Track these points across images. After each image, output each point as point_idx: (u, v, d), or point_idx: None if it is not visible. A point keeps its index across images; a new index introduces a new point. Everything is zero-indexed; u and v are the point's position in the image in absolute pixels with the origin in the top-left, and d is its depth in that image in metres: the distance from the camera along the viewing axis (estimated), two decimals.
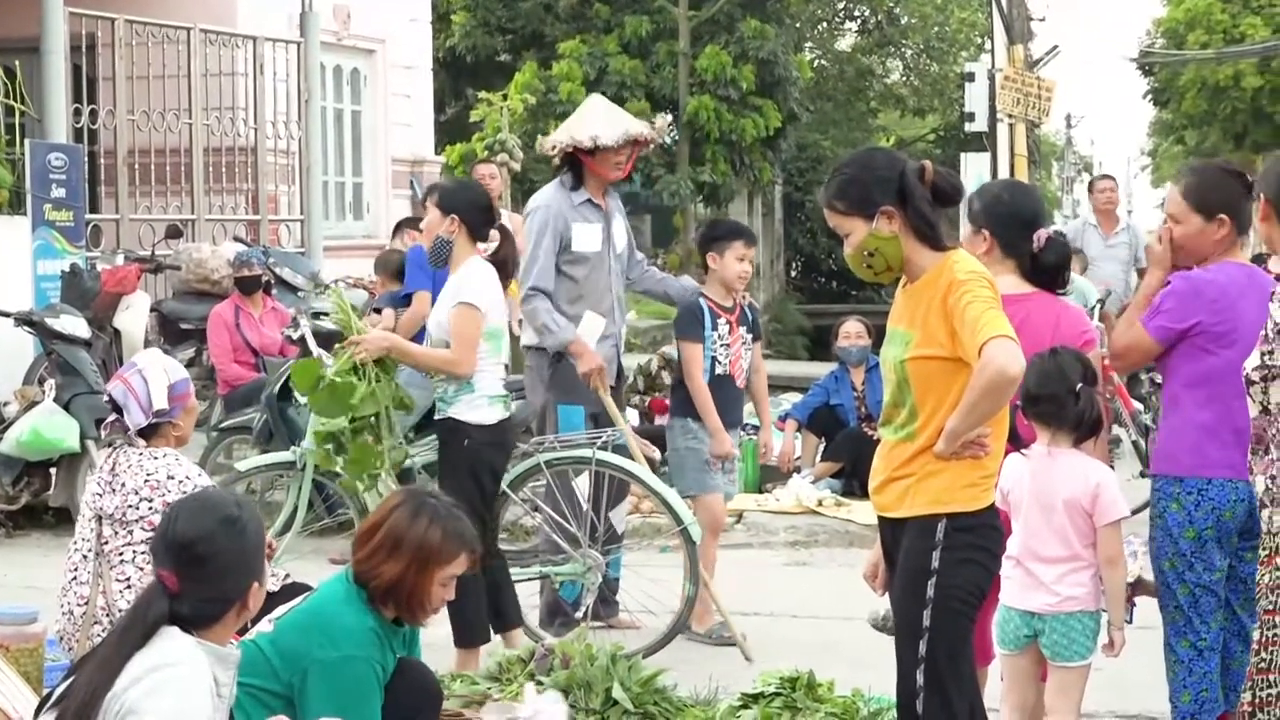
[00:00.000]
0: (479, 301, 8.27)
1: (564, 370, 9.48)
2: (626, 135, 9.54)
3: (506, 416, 8.45)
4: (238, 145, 18.31)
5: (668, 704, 7.42)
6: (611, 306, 9.66)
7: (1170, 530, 6.39)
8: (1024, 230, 6.61)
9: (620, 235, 9.77)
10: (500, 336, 8.39)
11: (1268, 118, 47.35)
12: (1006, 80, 28.96)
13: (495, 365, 8.38)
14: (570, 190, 9.61)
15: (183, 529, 4.78)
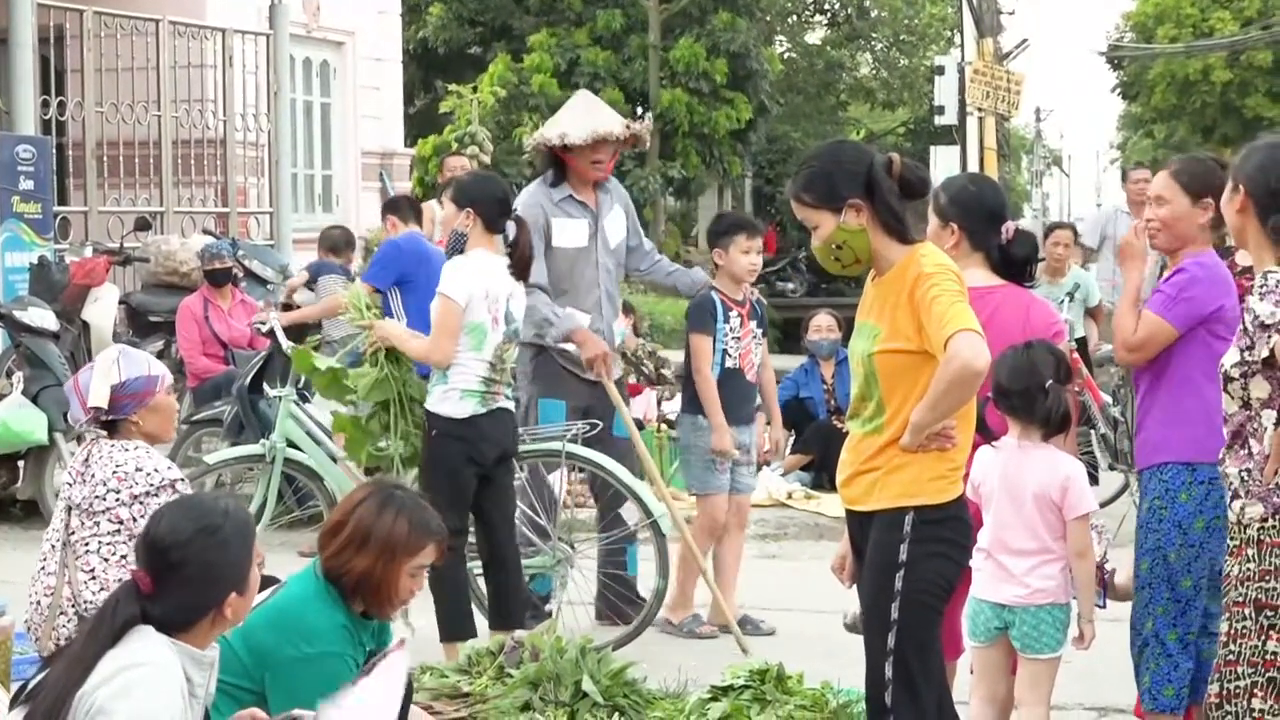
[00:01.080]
0: (454, 293, 8.26)
1: (545, 364, 9.45)
2: (594, 134, 9.46)
3: (483, 412, 8.36)
4: (207, 137, 18.28)
5: (637, 696, 7.41)
6: (598, 302, 9.58)
7: (1180, 521, 6.41)
8: (991, 223, 6.62)
9: (615, 231, 9.67)
10: (482, 332, 8.31)
11: (1236, 111, 47.53)
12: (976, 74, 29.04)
13: (474, 360, 8.32)
14: (550, 186, 9.56)
15: (161, 532, 4.76)
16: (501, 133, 29.56)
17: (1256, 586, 5.40)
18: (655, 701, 7.32)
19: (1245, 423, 5.45)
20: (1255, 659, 5.40)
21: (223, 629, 4.85)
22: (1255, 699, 5.40)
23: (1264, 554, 5.39)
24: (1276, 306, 5.22)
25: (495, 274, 8.38)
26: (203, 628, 4.75)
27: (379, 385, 8.68)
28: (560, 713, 7.16)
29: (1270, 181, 5.47)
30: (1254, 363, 5.32)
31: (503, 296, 8.38)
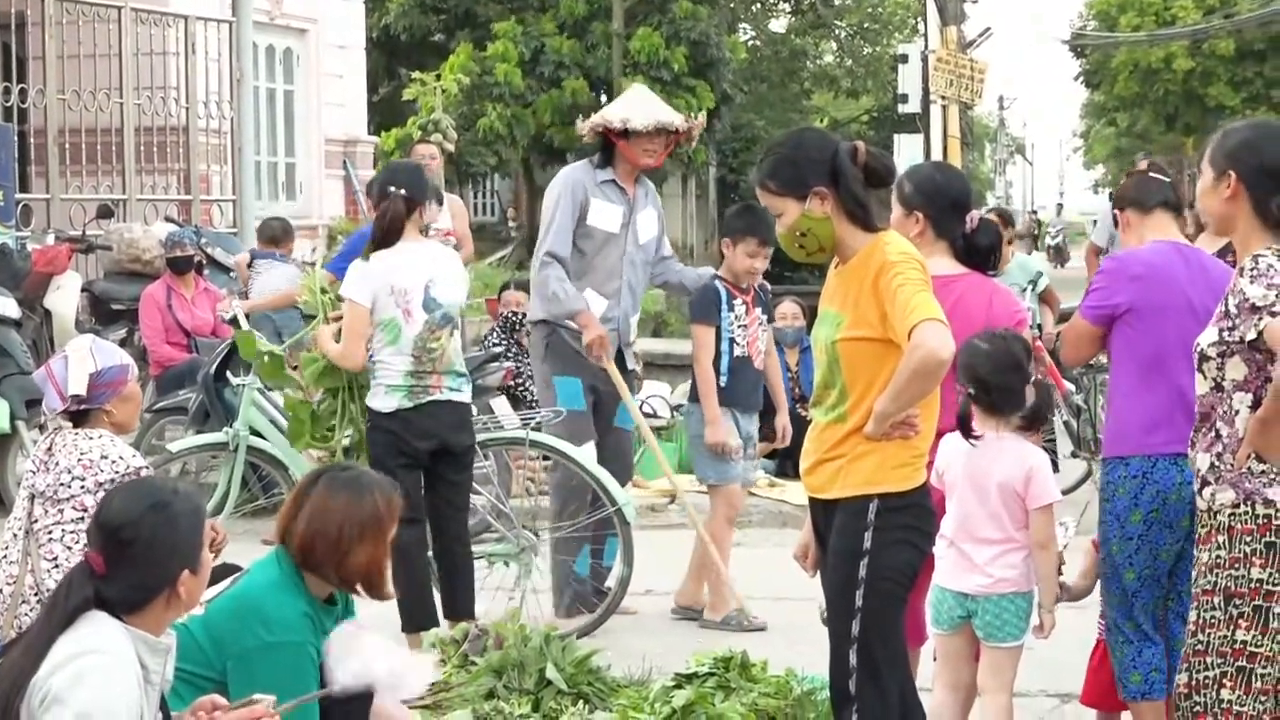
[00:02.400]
0: (356, 296, 8.36)
1: (558, 343, 9.42)
2: (657, 122, 9.48)
3: (410, 406, 8.37)
4: (169, 125, 18.21)
5: (601, 684, 7.43)
6: (618, 290, 9.54)
7: (1118, 514, 6.42)
8: (955, 211, 6.64)
9: (648, 227, 9.66)
10: (395, 327, 8.33)
11: (1198, 99, 47.67)
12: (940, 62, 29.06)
13: (394, 355, 8.35)
14: (596, 168, 9.56)
15: (111, 511, 4.76)
16: (465, 121, 29.49)
17: (1226, 575, 5.39)
18: (620, 689, 7.34)
19: (1215, 405, 5.45)
20: (1224, 648, 5.39)
21: (177, 611, 4.84)
22: (1224, 689, 5.40)
23: (1234, 541, 5.38)
24: (1268, 289, 5.22)
25: (406, 266, 8.37)
26: (157, 609, 4.74)
27: (327, 373, 8.72)
28: (524, 700, 7.17)
29: (1262, 160, 5.45)
30: (1233, 343, 5.32)
31: (416, 287, 8.35)
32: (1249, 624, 5.37)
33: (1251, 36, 47.43)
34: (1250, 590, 5.37)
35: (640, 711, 6.74)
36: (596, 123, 9.56)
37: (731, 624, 9.35)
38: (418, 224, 8.48)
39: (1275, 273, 5.24)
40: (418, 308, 8.31)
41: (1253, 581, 5.37)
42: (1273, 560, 5.35)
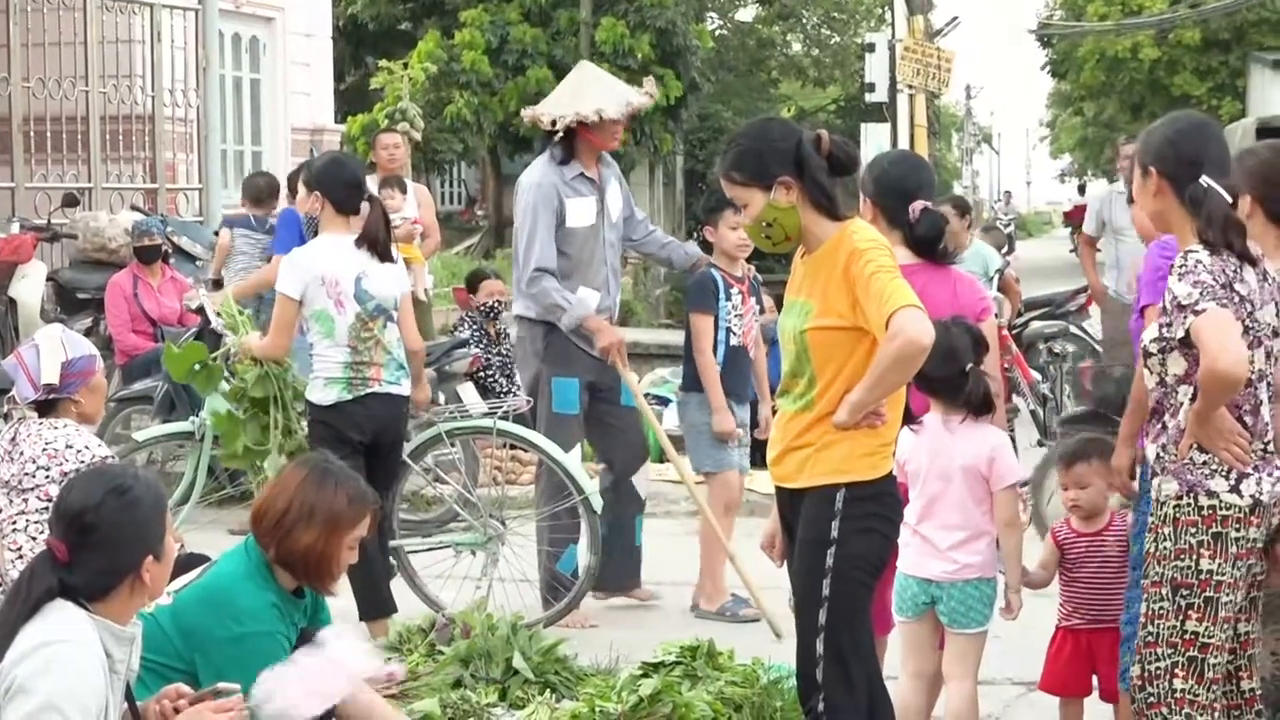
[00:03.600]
0: (286, 288, 8.37)
1: (557, 342, 9.33)
2: (630, 107, 9.38)
3: (349, 398, 8.36)
4: (135, 113, 18.13)
5: (568, 673, 7.43)
6: (605, 279, 9.48)
7: None
8: (907, 201, 6.63)
9: (615, 204, 9.55)
10: (328, 319, 8.33)
11: (1164, 89, 47.77)
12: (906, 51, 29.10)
13: (330, 347, 8.36)
14: (560, 164, 9.39)
15: (72, 498, 4.75)
16: (432, 110, 29.44)
17: (1172, 565, 5.43)
18: (586, 678, 7.35)
19: (1162, 399, 5.50)
20: (1174, 639, 5.43)
21: (142, 599, 4.83)
22: (1176, 679, 5.43)
23: (1179, 532, 5.43)
24: (1194, 287, 5.26)
25: (335, 258, 8.36)
26: (122, 595, 4.73)
27: (257, 384, 8.74)
28: (491, 690, 7.17)
29: (1178, 153, 5.50)
30: (1172, 339, 5.36)
31: (347, 278, 8.34)
32: (1200, 615, 5.40)
33: (1217, 26, 47.55)
34: (1200, 581, 5.40)
35: (607, 700, 6.74)
36: (570, 119, 9.32)
37: (726, 614, 9.34)
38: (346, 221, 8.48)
39: (1202, 269, 5.29)
40: (349, 299, 8.31)
41: (1202, 573, 5.40)
42: (1220, 551, 5.38)
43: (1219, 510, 5.38)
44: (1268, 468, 5.43)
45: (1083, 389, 10.58)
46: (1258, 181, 5.75)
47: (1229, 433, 5.35)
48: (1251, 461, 5.39)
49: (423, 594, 9.08)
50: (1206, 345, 5.21)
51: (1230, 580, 5.39)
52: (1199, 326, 5.23)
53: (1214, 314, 5.23)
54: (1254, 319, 5.37)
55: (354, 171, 8.64)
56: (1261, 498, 5.40)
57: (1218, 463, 5.38)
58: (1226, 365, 5.18)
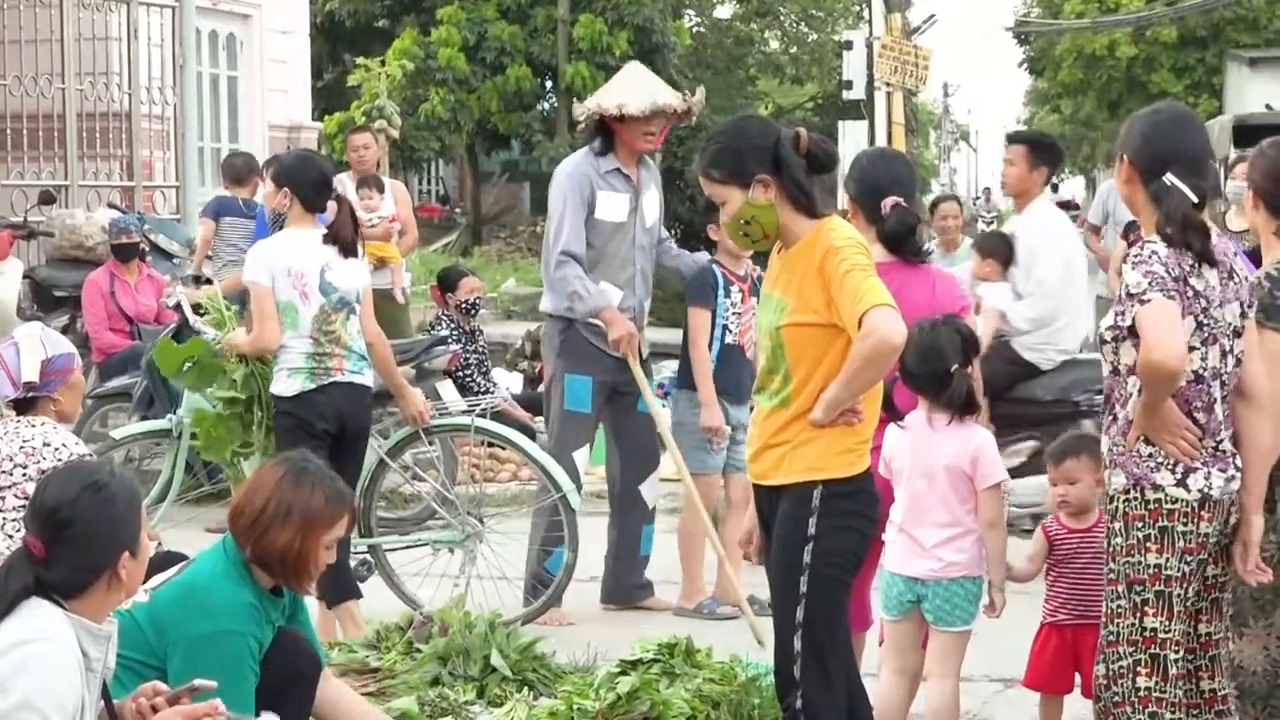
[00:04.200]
0: (257, 278, 8.38)
1: (572, 339, 9.29)
2: (654, 105, 9.26)
3: (313, 388, 8.36)
4: (112, 111, 18.10)
5: (546, 671, 7.43)
6: (632, 278, 9.38)
7: None
8: (881, 198, 6.63)
9: (651, 208, 9.48)
10: (292, 309, 8.35)
11: (1142, 86, 47.87)
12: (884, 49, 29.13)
13: (293, 338, 8.35)
14: (598, 156, 9.34)
15: (48, 494, 4.74)
16: (409, 107, 29.43)
17: (1124, 562, 5.44)
18: (564, 676, 7.34)
19: (1114, 389, 5.51)
20: (1135, 637, 5.43)
21: (118, 596, 4.82)
22: (1140, 678, 5.43)
23: (1128, 528, 5.44)
24: (1144, 277, 5.28)
25: (301, 250, 8.38)
26: (99, 592, 4.71)
27: (248, 380, 8.72)
28: (469, 687, 7.17)
29: (1150, 148, 5.51)
30: (1125, 328, 5.38)
31: (312, 270, 8.36)
32: (1154, 610, 5.40)
33: (1194, 23, 47.67)
34: (1150, 577, 5.40)
35: (585, 698, 6.74)
36: (592, 110, 9.33)
37: (704, 612, 9.33)
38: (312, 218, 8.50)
39: (1156, 260, 5.30)
40: (314, 290, 8.33)
41: (1150, 568, 5.40)
42: (1167, 545, 5.38)
43: (1164, 504, 5.38)
44: (1219, 464, 5.41)
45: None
46: (1261, 177, 5.82)
47: (1175, 426, 5.34)
48: (1200, 457, 5.38)
49: (400, 591, 9.08)
50: (1144, 335, 5.23)
51: (1180, 575, 5.37)
52: (1141, 316, 5.26)
53: (1158, 304, 5.24)
54: (1209, 315, 5.36)
55: (322, 170, 8.64)
56: (1211, 493, 5.38)
57: (1164, 456, 5.38)
58: (1160, 356, 5.19)
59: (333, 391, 8.37)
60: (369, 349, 8.53)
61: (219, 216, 13.97)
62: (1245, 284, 5.48)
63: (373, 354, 8.55)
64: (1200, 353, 5.35)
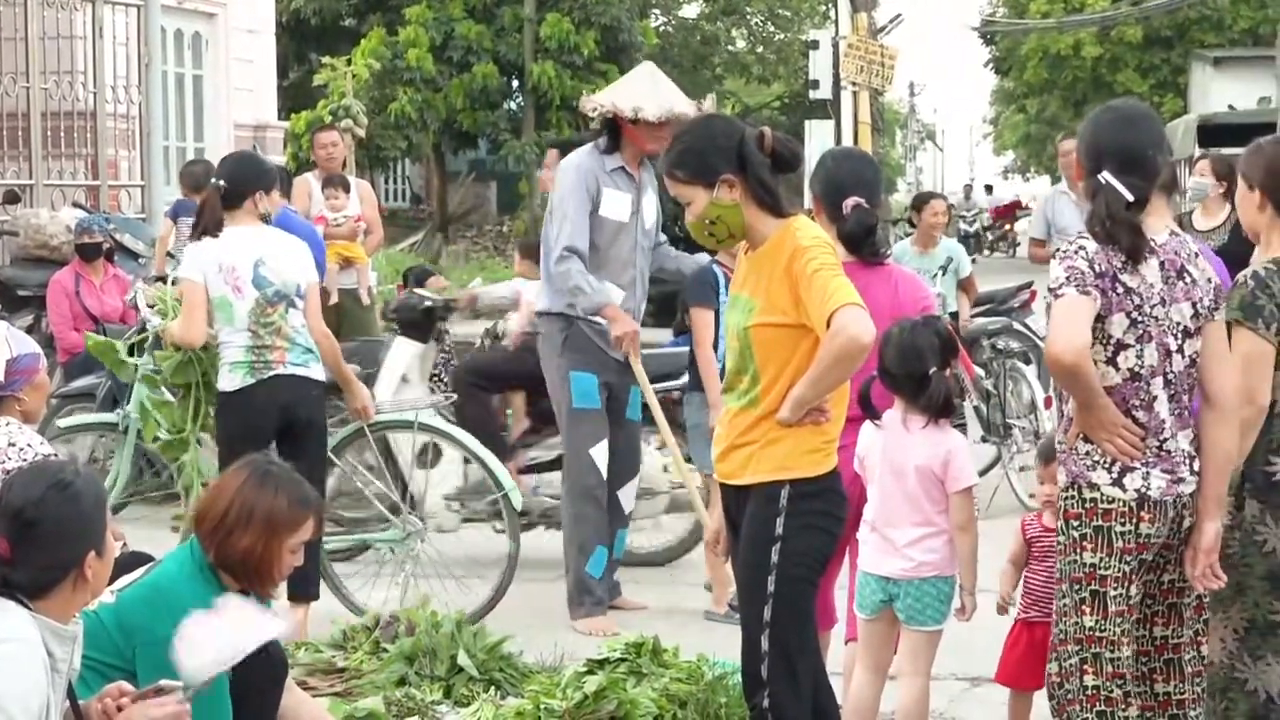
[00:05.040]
0: (189, 274, 8.46)
1: (576, 337, 9.18)
2: (670, 112, 9.11)
3: (253, 382, 8.38)
4: (77, 110, 18.05)
5: (513, 670, 7.43)
6: (633, 280, 9.30)
7: None
8: (840, 198, 6.63)
9: (650, 210, 9.39)
10: (227, 305, 8.39)
11: (1107, 86, 48.04)
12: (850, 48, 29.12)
13: (231, 333, 8.40)
14: (604, 154, 9.23)
15: (13, 494, 4.72)
16: (376, 106, 29.40)
17: (1067, 561, 5.46)
18: (531, 675, 7.34)
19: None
20: (1079, 635, 5.44)
21: (85, 596, 4.80)
22: (1087, 676, 5.43)
23: (1068, 526, 5.46)
24: (1065, 272, 5.30)
25: (233, 246, 8.42)
26: (65, 592, 4.69)
27: (180, 369, 8.78)
28: (436, 687, 7.16)
29: (1093, 143, 5.53)
30: None
31: (244, 264, 8.40)
32: (1090, 609, 5.42)
33: (1159, 23, 47.86)
34: (1085, 575, 5.41)
35: (552, 697, 6.74)
36: (606, 108, 9.21)
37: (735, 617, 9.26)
38: (252, 211, 8.53)
39: (1080, 256, 5.32)
40: (247, 284, 8.37)
41: (1085, 566, 5.41)
42: (1102, 544, 5.38)
43: (1100, 503, 5.38)
44: (1162, 464, 5.41)
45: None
46: (1265, 176, 5.78)
47: (1112, 425, 5.34)
48: (1141, 456, 5.38)
49: (340, 593, 9.06)
50: (1049, 329, 5.29)
51: (1116, 575, 5.37)
52: (1051, 310, 5.30)
53: (1067, 299, 5.27)
54: (1144, 313, 5.35)
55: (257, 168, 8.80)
56: (1150, 493, 5.37)
57: (1101, 454, 5.38)
58: (1056, 350, 5.23)
59: (275, 384, 8.40)
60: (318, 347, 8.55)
61: (178, 218, 13.93)
62: (1201, 284, 5.46)
63: (319, 349, 8.56)
64: (1135, 350, 5.35)
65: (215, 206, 8.47)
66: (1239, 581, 5.68)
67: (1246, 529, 5.68)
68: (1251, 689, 5.71)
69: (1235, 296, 5.61)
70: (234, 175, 8.60)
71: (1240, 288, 5.64)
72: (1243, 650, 5.72)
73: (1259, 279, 5.65)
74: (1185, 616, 5.60)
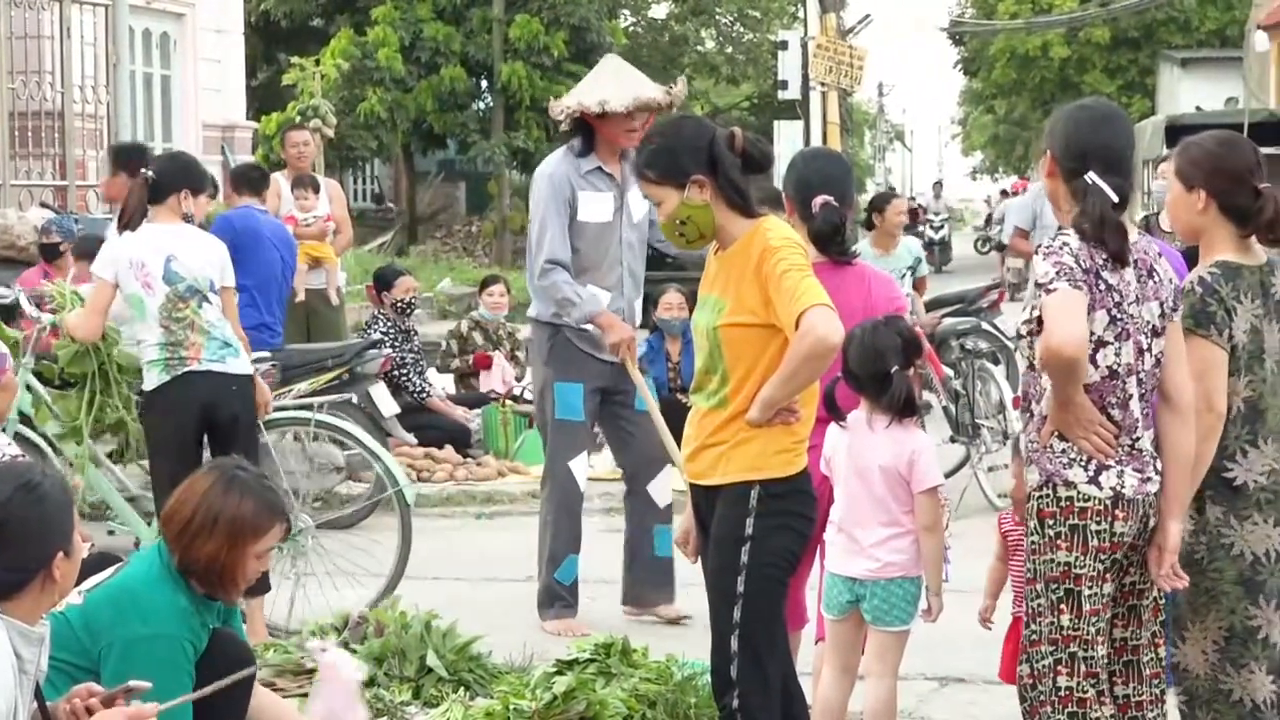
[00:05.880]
0: (100, 271, 8.51)
1: (561, 346, 9.01)
2: (636, 100, 8.94)
3: (169, 379, 8.38)
4: (44, 109, 18.01)
5: (483, 671, 7.42)
6: (620, 279, 9.09)
7: None
8: (812, 196, 6.63)
9: (638, 204, 9.03)
10: (139, 301, 8.42)
11: (1074, 87, 48.18)
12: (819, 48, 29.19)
13: (144, 330, 8.43)
14: (578, 157, 9.03)
15: None
16: (345, 106, 29.36)
17: (1042, 560, 5.43)
18: (501, 676, 7.33)
19: (1031, 384, 5.51)
20: (1054, 636, 5.42)
21: (52, 597, 4.78)
22: (1060, 677, 5.42)
23: (1043, 525, 5.43)
24: (1053, 267, 5.29)
25: (145, 242, 8.44)
26: (32, 593, 4.68)
27: (77, 359, 8.82)
28: (405, 687, 7.15)
29: (1070, 145, 5.52)
30: (1036, 321, 5.39)
31: (154, 260, 8.40)
32: (1066, 608, 5.41)
33: (1126, 25, 48.01)
34: (1060, 574, 5.40)
35: (521, 698, 6.73)
36: (571, 108, 9.02)
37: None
38: (175, 209, 8.55)
39: (1066, 252, 5.32)
40: (157, 280, 8.39)
41: (1060, 565, 5.39)
42: (1077, 543, 5.38)
43: (1076, 502, 5.36)
44: (1134, 463, 5.40)
45: None
46: (1209, 175, 5.68)
47: (1088, 421, 5.33)
48: (1115, 455, 5.38)
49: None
50: (1046, 323, 5.23)
51: (1090, 574, 5.36)
52: (1045, 304, 5.25)
53: (1062, 293, 5.24)
54: (1123, 311, 5.36)
55: (180, 164, 8.85)
56: (1124, 492, 5.36)
57: (1076, 452, 5.37)
58: (1058, 342, 5.18)
59: (190, 381, 8.41)
60: None
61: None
62: (1166, 284, 5.47)
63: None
64: (1114, 348, 5.35)
65: (141, 198, 8.47)
66: (1210, 588, 5.66)
67: (1211, 533, 5.66)
68: (1237, 699, 5.68)
69: (1185, 305, 5.57)
70: (163, 170, 8.62)
71: (1189, 295, 5.60)
72: (1224, 660, 5.69)
73: (1206, 285, 5.61)
74: (1144, 619, 5.59)
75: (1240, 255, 5.68)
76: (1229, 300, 5.59)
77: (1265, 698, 5.68)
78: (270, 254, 11.65)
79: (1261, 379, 5.67)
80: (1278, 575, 5.67)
